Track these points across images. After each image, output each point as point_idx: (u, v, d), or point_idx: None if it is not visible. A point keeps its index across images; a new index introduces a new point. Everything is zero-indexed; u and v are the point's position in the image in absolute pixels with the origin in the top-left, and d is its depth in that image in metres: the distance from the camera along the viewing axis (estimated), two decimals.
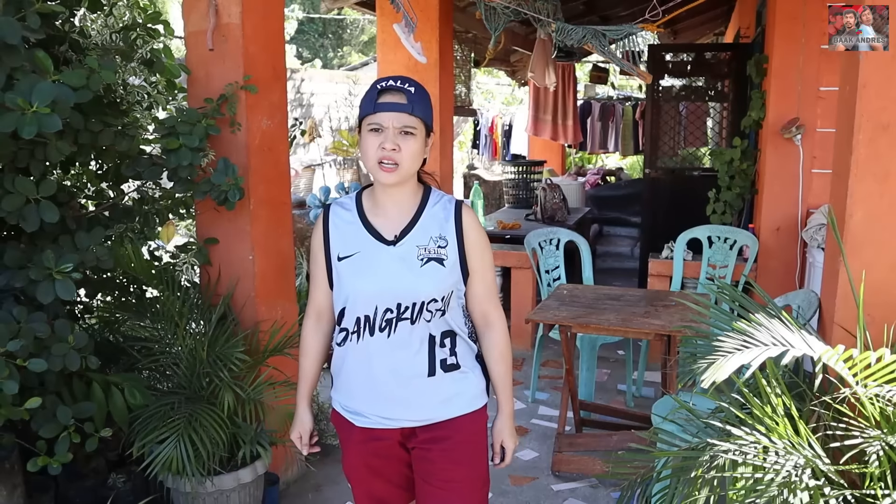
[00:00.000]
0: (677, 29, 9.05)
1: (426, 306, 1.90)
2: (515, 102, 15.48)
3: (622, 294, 3.98)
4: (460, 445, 2.00)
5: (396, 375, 1.93)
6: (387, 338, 1.90)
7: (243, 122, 3.03)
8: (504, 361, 2.04)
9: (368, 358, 1.93)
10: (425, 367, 1.94)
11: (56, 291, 2.25)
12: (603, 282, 6.91)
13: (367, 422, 1.98)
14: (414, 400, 1.95)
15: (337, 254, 1.93)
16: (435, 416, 1.97)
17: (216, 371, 2.88)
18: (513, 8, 4.57)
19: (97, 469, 2.91)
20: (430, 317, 1.91)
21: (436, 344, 1.94)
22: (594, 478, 3.53)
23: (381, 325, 1.90)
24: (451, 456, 1.99)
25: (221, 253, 3.16)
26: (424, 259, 1.90)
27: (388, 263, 1.89)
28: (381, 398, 1.95)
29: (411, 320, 1.90)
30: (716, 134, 6.74)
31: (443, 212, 1.95)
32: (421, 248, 1.91)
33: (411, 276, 1.89)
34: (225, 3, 3.00)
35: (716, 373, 1.89)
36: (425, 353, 1.94)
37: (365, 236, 1.92)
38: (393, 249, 1.90)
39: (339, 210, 1.98)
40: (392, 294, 1.88)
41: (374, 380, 1.94)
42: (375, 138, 1.79)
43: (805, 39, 4.46)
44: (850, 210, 2.40)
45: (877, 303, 2.37)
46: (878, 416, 2.06)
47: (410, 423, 1.97)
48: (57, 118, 2.06)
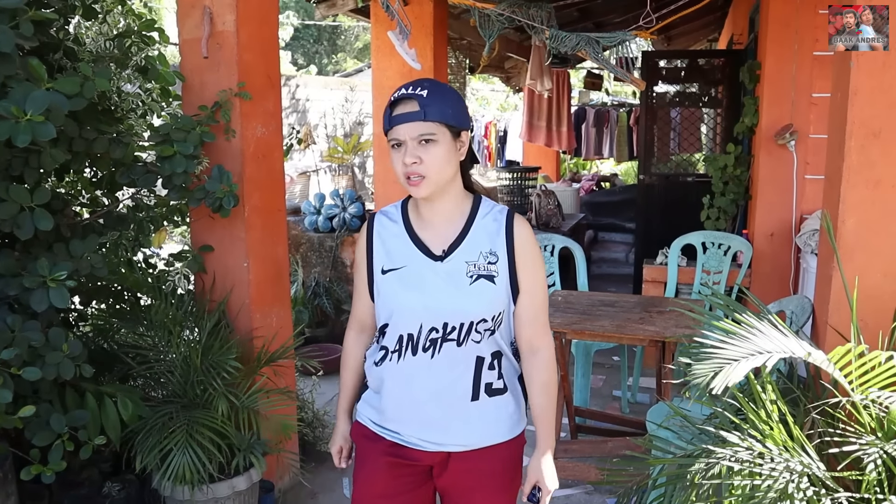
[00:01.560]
0: (671, 35, 9.09)
1: (475, 327, 1.78)
2: (510, 108, 15.52)
3: (617, 300, 3.99)
4: (497, 475, 1.89)
5: (437, 398, 1.81)
6: (430, 358, 1.78)
7: (238, 130, 3.04)
8: (547, 393, 1.87)
9: (409, 379, 1.81)
10: (469, 390, 1.82)
11: (50, 299, 2.25)
12: (598, 288, 6.91)
13: (398, 438, 1.86)
14: (452, 424, 1.83)
15: (381, 266, 1.82)
16: (473, 443, 1.85)
17: (209, 379, 2.87)
18: (507, 15, 4.58)
19: (91, 478, 2.90)
20: (480, 338, 1.79)
21: (483, 366, 1.82)
22: (589, 484, 3.53)
23: (424, 344, 1.78)
24: (487, 485, 1.89)
25: (216, 260, 3.16)
26: (474, 276, 1.78)
27: (434, 280, 1.78)
28: (417, 421, 1.84)
29: (458, 341, 1.78)
30: (710, 140, 6.76)
31: (494, 223, 1.82)
32: (470, 264, 1.78)
33: (459, 294, 1.77)
34: (219, 10, 3.01)
35: (725, 379, 1.89)
36: (471, 376, 1.82)
37: (412, 250, 1.80)
38: (440, 265, 1.78)
39: (385, 220, 1.87)
40: (438, 313, 1.77)
41: (414, 402, 1.82)
42: (397, 154, 1.70)
43: (798, 46, 4.48)
44: (843, 216, 2.42)
45: (870, 308, 2.38)
46: (873, 423, 2.07)
47: (447, 447, 1.84)
48: (51, 126, 2.06)
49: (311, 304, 5.54)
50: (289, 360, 3.36)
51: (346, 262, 5.82)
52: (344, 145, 7.91)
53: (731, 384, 1.88)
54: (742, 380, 1.94)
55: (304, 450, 3.75)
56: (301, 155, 8.85)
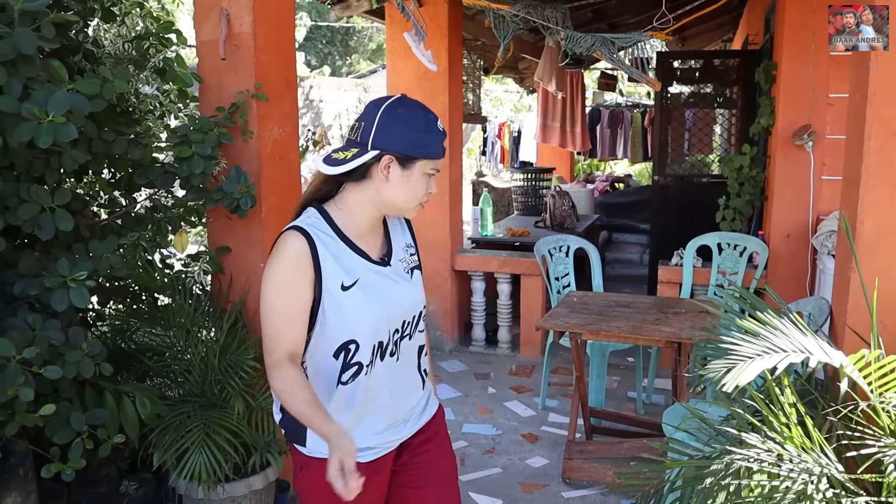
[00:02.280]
0: (685, 36, 9.05)
1: (420, 317, 1.94)
2: (524, 109, 15.50)
3: (632, 301, 3.98)
4: (445, 436, 2.08)
5: (398, 395, 1.89)
6: (396, 361, 1.86)
7: (255, 131, 3.05)
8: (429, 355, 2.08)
9: (378, 386, 1.83)
10: (419, 379, 1.97)
11: (70, 299, 2.27)
12: (612, 289, 6.89)
13: (372, 453, 1.85)
14: (413, 413, 1.95)
15: (340, 283, 1.75)
16: (425, 418, 2.00)
17: (227, 379, 2.89)
18: (522, 16, 4.58)
19: (109, 476, 2.93)
20: (421, 326, 1.96)
21: (421, 353, 1.98)
22: (605, 485, 3.52)
23: (391, 349, 1.84)
24: (444, 447, 2.05)
25: (233, 260, 3.18)
26: (409, 270, 1.92)
27: (389, 284, 1.85)
28: (385, 423, 1.87)
29: (410, 336, 1.90)
30: (724, 140, 6.73)
31: (396, 220, 1.97)
32: (402, 261, 1.91)
33: (411, 289, 1.90)
34: (237, 12, 3.02)
35: (738, 377, 1.88)
36: (415, 365, 1.96)
37: (360, 262, 1.81)
38: (387, 269, 1.86)
39: (323, 236, 1.77)
40: (400, 314, 1.86)
41: (382, 407, 1.85)
42: (425, 181, 1.77)
43: (814, 47, 4.45)
44: (862, 217, 2.40)
45: (889, 310, 2.37)
46: (893, 425, 2.06)
47: (407, 436, 1.94)
48: (73, 127, 2.08)
49: None
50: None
51: None
52: None
53: (742, 383, 1.87)
54: (759, 381, 1.93)
55: None
56: (315, 156, 8.88)
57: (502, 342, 5.65)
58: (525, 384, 4.98)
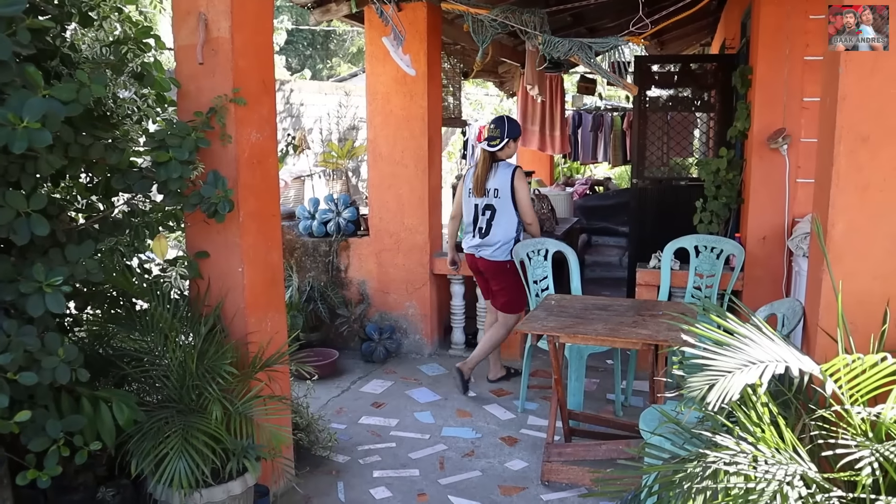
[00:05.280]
0: (664, 40, 9.12)
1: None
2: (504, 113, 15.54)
3: (610, 304, 4.01)
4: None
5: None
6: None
7: (233, 135, 3.05)
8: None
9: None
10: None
11: (46, 304, 2.26)
12: (591, 291, 6.93)
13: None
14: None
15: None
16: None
17: (205, 384, 2.88)
18: (500, 21, 4.61)
19: (86, 483, 2.90)
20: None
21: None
22: (584, 487, 3.54)
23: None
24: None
25: (211, 265, 3.17)
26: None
27: None
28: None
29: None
30: (702, 144, 6.79)
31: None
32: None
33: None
34: (214, 17, 3.02)
35: (722, 392, 1.91)
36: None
37: None
38: None
39: None
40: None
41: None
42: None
43: (789, 51, 4.52)
44: (832, 220, 2.44)
45: (860, 311, 2.41)
46: (864, 425, 2.09)
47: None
48: (47, 133, 2.08)
49: (306, 309, 5.55)
50: (283, 366, 3.37)
51: (340, 267, 5.83)
52: (338, 150, 7.92)
53: (728, 398, 1.89)
54: None
55: (298, 454, 3.76)
56: (295, 159, 8.85)
57: None
58: (505, 387, 5.00)
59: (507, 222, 4.65)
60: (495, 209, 4.68)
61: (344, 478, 3.72)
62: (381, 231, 5.72)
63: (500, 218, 4.67)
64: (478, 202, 4.74)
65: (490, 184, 4.68)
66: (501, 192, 4.65)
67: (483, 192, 4.68)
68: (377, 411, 4.62)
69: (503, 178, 4.63)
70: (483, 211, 4.71)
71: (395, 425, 4.39)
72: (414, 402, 4.77)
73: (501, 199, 4.66)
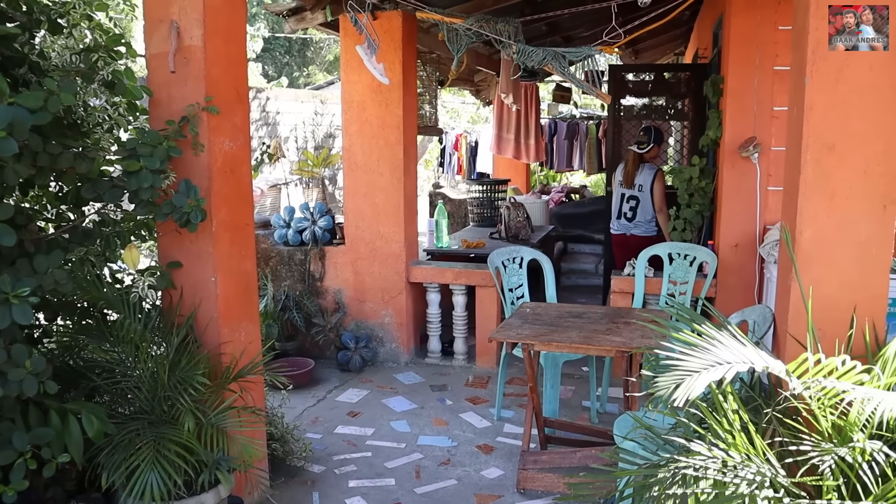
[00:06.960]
0: (638, 49, 9.22)
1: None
2: (481, 121, 15.61)
3: (584, 311, 4.03)
4: None
5: None
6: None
7: (206, 144, 3.03)
8: None
9: None
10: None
11: (13, 316, 2.22)
12: (567, 299, 6.95)
13: None
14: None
15: None
16: None
17: (177, 395, 2.86)
18: (475, 30, 4.63)
19: (56, 497, 2.86)
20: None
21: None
22: (559, 494, 3.55)
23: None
24: None
25: (184, 275, 3.15)
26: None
27: None
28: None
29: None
30: (676, 152, 6.85)
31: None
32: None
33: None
34: (187, 25, 3.01)
35: (687, 391, 1.93)
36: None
37: None
38: None
39: None
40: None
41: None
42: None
43: (759, 61, 4.58)
44: (800, 228, 2.48)
45: (827, 317, 2.44)
46: (830, 429, 2.12)
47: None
48: (13, 142, 2.05)
49: (281, 318, 5.52)
50: (257, 376, 3.35)
51: (316, 276, 5.81)
52: (314, 158, 7.89)
53: (692, 396, 1.91)
54: (705, 390, 1.98)
55: (273, 465, 3.73)
56: (271, 168, 8.83)
57: (458, 354, 5.68)
58: (481, 395, 5.00)
59: (644, 212, 5.76)
60: (639, 200, 5.73)
61: (319, 488, 3.69)
62: (357, 239, 5.70)
63: (641, 208, 5.76)
64: (625, 192, 5.82)
65: (637, 180, 5.74)
66: (644, 187, 5.70)
67: (631, 184, 5.76)
68: (353, 420, 4.60)
69: (647, 176, 5.70)
70: (628, 199, 5.82)
71: (371, 434, 4.38)
72: (390, 410, 4.76)
73: (644, 193, 5.71)
